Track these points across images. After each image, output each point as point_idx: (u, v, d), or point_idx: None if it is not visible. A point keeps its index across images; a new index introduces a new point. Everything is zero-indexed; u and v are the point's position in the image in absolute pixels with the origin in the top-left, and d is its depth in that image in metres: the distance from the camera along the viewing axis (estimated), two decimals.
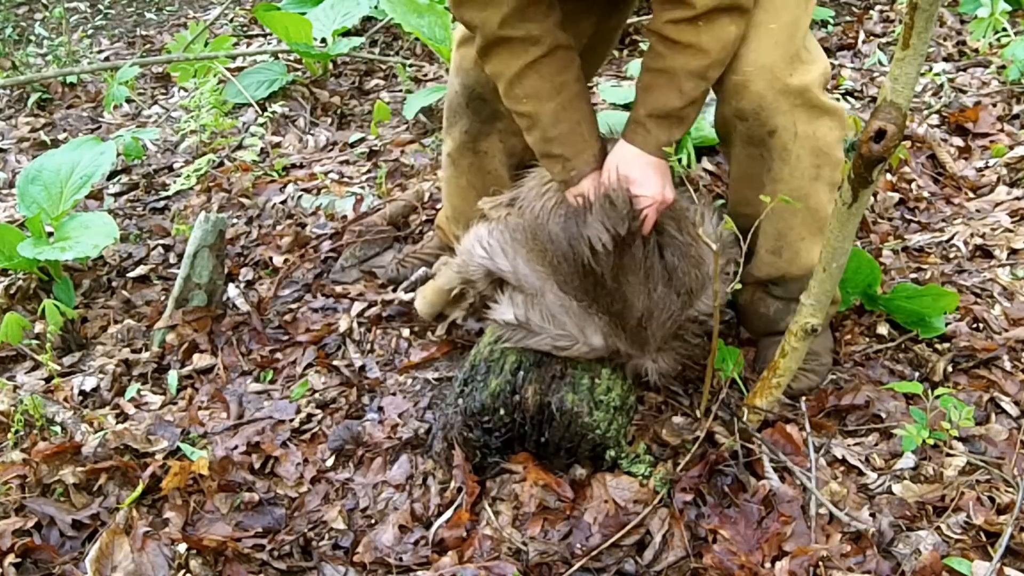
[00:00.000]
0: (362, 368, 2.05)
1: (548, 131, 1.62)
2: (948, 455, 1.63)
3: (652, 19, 1.54)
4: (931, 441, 1.61)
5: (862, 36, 3.51)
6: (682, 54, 1.50)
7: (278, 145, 3.17)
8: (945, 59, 3.25)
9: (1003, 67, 3.03)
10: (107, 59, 4.34)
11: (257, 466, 1.79)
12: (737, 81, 1.56)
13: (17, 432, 1.88)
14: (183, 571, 1.53)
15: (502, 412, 1.63)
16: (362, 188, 2.75)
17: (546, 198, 1.69)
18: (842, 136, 1.65)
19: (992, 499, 1.54)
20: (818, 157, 1.64)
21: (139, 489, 1.69)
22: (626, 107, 2.66)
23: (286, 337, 2.19)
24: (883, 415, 1.76)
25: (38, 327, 2.28)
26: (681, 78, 1.51)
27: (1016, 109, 2.84)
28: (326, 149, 3.15)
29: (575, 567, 1.51)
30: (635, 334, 1.62)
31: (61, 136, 3.53)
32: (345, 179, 2.87)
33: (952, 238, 2.28)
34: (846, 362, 1.91)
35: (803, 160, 1.63)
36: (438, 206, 2.50)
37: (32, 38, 4.66)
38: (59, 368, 2.16)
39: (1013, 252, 2.20)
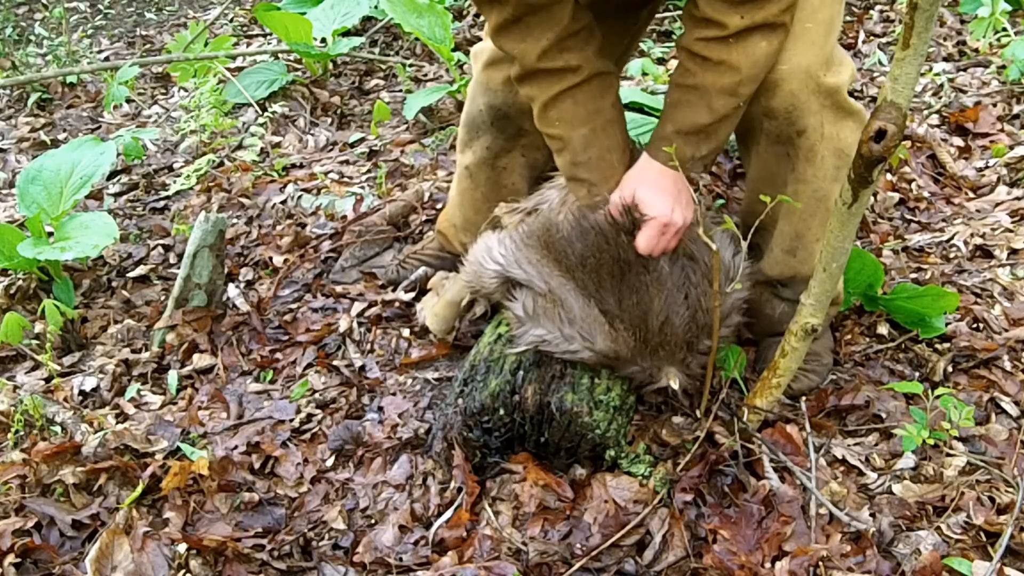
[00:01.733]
0: (362, 368, 2.05)
1: (577, 155, 1.59)
2: (948, 455, 1.63)
3: (682, 36, 1.52)
4: (931, 441, 1.61)
5: (862, 36, 3.51)
6: (712, 71, 1.47)
7: (278, 145, 3.17)
8: (945, 59, 3.25)
9: (1003, 67, 3.03)
10: (107, 59, 4.34)
11: (257, 466, 1.79)
12: (770, 79, 1.52)
13: (17, 432, 1.88)
14: (183, 571, 1.53)
15: (502, 412, 1.63)
16: (362, 188, 2.75)
17: (568, 208, 1.66)
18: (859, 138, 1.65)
19: (992, 499, 1.54)
20: (839, 158, 1.62)
21: (139, 489, 1.69)
22: (627, 106, 2.65)
23: (286, 337, 2.19)
24: (883, 415, 1.76)
25: (38, 327, 2.28)
26: (711, 95, 1.48)
27: (1016, 109, 2.84)
28: (326, 149, 3.15)
29: (575, 567, 1.51)
30: (650, 341, 1.60)
31: (61, 136, 3.53)
32: (345, 179, 2.87)
33: (952, 238, 2.28)
34: (846, 362, 1.91)
35: (827, 161, 1.62)
36: (438, 206, 2.50)
37: (32, 38, 4.65)
38: (59, 368, 2.16)
39: (1013, 252, 2.20)
